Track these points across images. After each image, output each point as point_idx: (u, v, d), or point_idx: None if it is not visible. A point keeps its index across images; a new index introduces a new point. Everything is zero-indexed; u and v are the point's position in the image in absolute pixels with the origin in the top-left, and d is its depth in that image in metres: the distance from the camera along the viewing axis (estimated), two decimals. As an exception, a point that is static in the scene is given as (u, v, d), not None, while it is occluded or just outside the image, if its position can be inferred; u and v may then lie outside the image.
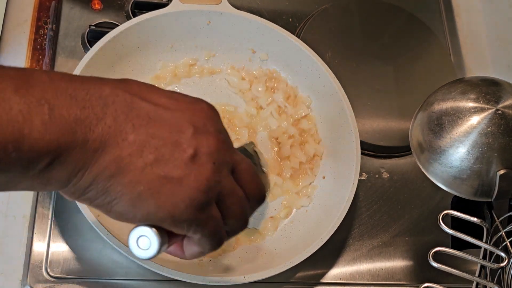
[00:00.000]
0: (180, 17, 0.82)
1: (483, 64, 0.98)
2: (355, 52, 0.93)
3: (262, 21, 0.84)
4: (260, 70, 0.86)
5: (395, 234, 0.82)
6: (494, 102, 0.68)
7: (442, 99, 0.71)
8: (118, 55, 0.79)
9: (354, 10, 0.97)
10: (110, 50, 0.78)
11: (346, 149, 0.80)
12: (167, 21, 0.82)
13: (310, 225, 0.78)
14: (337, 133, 0.82)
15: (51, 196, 0.75)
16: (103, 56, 0.77)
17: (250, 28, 0.84)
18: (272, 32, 0.84)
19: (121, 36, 0.78)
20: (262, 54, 0.86)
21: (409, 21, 0.98)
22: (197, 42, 0.85)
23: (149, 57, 0.83)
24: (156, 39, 0.82)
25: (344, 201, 0.75)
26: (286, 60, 0.85)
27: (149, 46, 0.82)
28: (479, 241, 0.68)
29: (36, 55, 0.83)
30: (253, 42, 0.85)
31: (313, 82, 0.84)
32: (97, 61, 0.76)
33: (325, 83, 0.83)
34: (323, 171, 0.82)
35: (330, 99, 0.83)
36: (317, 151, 0.82)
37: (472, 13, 1.02)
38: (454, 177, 0.70)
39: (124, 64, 0.80)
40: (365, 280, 0.79)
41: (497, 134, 0.67)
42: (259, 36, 0.84)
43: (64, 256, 0.72)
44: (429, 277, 0.79)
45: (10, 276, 0.71)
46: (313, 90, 0.85)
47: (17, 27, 0.85)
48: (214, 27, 0.84)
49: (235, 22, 0.84)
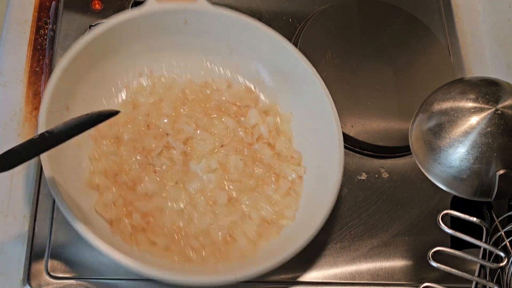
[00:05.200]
0: (156, 17, 0.80)
1: (483, 64, 0.99)
2: (355, 52, 0.93)
3: (241, 17, 0.82)
4: (235, 88, 0.85)
5: (395, 234, 0.82)
6: (494, 102, 0.68)
7: (442, 99, 0.72)
8: (94, 59, 0.78)
9: (354, 10, 0.97)
10: (86, 54, 0.76)
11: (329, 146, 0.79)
12: (143, 22, 0.80)
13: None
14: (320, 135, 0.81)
15: (51, 196, 0.75)
16: (80, 60, 0.75)
17: (229, 25, 0.82)
18: (252, 28, 0.82)
19: (97, 40, 0.77)
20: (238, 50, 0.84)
21: (409, 21, 0.98)
22: (174, 40, 0.83)
23: (127, 59, 0.81)
24: (133, 40, 0.81)
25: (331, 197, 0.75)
26: (267, 58, 0.84)
27: (125, 48, 0.81)
28: (479, 241, 0.68)
29: (36, 55, 0.83)
30: (233, 40, 0.84)
31: (294, 79, 0.83)
32: (73, 66, 0.74)
33: (306, 77, 0.81)
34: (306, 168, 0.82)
35: (311, 94, 0.82)
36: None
37: (471, 13, 1.03)
38: (454, 177, 0.70)
39: (100, 68, 0.79)
40: (365, 280, 0.79)
41: (497, 134, 0.68)
42: (239, 33, 0.83)
43: (64, 256, 0.72)
44: (428, 277, 0.79)
45: (10, 276, 0.71)
46: (293, 90, 0.83)
47: (17, 27, 0.85)
48: (192, 26, 0.82)
49: (213, 18, 0.82)
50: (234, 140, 0.81)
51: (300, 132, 0.84)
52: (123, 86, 0.82)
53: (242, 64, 0.85)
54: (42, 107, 0.71)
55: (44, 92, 0.72)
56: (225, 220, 0.76)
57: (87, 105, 0.76)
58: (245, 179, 0.79)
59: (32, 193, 0.75)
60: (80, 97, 0.77)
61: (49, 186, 0.67)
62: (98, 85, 0.79)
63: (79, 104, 0.76)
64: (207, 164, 0.79)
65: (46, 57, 0.84)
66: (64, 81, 0.74)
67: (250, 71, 0.86)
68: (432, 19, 1.00)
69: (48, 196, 0.75)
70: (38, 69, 0.83)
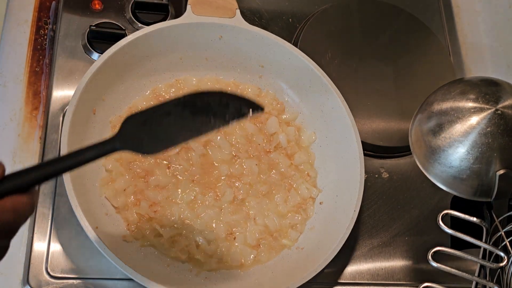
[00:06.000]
0: (192, 28, 0.81)
1: (483, 64, 0.98)
2: (355, 52, 0.93)
3: (274, 38, 0.83)
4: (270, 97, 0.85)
5: (395, 234, 0.82)
6: (494, 102, 0.68)
7: (442, 99, 0.72)
8: (127, 64, 0.79)
9: (354, 10, 0.97)
10: (120, 58, 0.77)
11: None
12: (179, 32, 0.81)
13: (310, 249, 0.77)
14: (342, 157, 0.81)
15: (51, 196, 0.75)
16: (112, 64, 0.77)
17: (261, 44, 0.83)
18: (283, 49, 0.83)
19: (131, 44, 0.78)
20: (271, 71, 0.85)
21: (409, 21, 0.98)
22: (208, 55, 0.84)
23: (158, 67, 0.82)
24: (166, 50, 0.82)
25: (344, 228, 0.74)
26: (296, 79, 0.85)
27: (158, 56, 0.82)
28: (479, 241, 0.68)
29: (36, 55, 0.83)
30: (263, 58, 0.84)
31: (321, 103, 0.83)
32: (106, 69, 0.76)
33: (333, 105, 0.82)
34: (322, 197, 0.81)
35: (337, 122, 0.82)
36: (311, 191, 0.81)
37: (471, 14, 1.03)
38: (454, 177, 0.70)
39: (132, 73, 0.80)
40: (365, 280, 0.79)
41: (497, 134, 0.68)
42: (270, 53, 0.83)
43: (64, 256, 0.72)
44: (428, 277, 0.79)
45: (10, 276, 0.71)
46: (319, 112, 0.84)
47: (17, 27, 0.85)
48: (226, 41, 0.83)
49: (247, 37, 0.83)
50: (252, 146, 0.81)
51: (321, 155, 0.83)
52: (151, 92, 0.82)
53: (272, 82, 0.86)
54: (69, 107, 0.72)
55: (74, 92, 0.73)
56: (229, 217, 0.77)
57: (113, 109, 0.79)
58: (258, 184, 0.79)
59: (32, 193, 0.75)
60: (108, 101, 0.78)
61: None
62: (129, 89, 0.80)
63: (106, 108, 0.78)
64: (224, 168, 0.79)
65: (46, 57, 0.84)
66: (96, 82, 0.75)
67: (278, 89, 0.86)
68: (432, 19, 1.00)
69: (48, 196, 0.75)
70: (38, 69, 0.83)
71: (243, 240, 0.76)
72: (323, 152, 0.83)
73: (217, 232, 0.76)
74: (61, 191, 0.75)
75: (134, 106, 0.80)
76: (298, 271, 0.72)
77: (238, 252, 0.75)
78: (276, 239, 0.77)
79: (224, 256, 0.75)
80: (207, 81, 0.84)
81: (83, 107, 0.74)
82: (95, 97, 0.76)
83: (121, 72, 0.79)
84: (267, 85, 0.86)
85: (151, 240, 0.73)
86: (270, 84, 0.86)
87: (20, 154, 0.77)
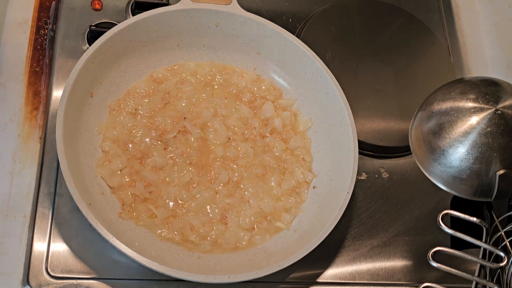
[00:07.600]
0: (188, 15, 0.82)
1: (483, 64, 0.99)
2: (355, 52, 0.93)
3: (270, 24, 0.84)
4: (263, 84, 0.86)
5: (395, 234, 0.82)
6: (494, 102, 0.68)
7: (442, 99, 0.72)
8: (124, 48, 0.80)
9: (354, 10, 0.97)
10: (117, 42, 0.79)
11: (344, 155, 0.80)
12: (176, 18, 0.82)
13: (304, 228, 0.78)
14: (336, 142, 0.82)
15: (51, 196, 0.75)
16: (110, 47, 0.78)
17: (258, 30, 0.84)
18: (279, 36, 0.84)
19: (129, 29, 0.79)
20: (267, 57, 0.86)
21: (409, 21, 0.98)
22: (205, 42, 0.85)
23: (155, 52, 0.83)
24: (163, 35, 0.83)
25: (337, 209, 0.75)
26: (291, 65, 0.85)
27: (156, 42, 0.83)
28: (479, 241, 0.68)
29: (36, 55, 0.83)
30: (260, 45, 0.85)
31: (317, 88, 0.84)
32: (104, 51, 0.77)
33: (328, 90, 0.83)
34: (315, 182, 0.82)
35: (331, 106, 0.82)
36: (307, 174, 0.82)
37: (471, 14, 1.03)
38: (454, 177, 0.70)
39: (129, 57, 0.81)
40: (365, 280, 0.79)
41: (497, 134, 0.68)
42: (266, 39, 0.85)
43: (64, 256, 0.73)
44: (428, 277, 0.79)
45: (10, 276, 0.71)
46: (315, 98, 0.85)
47: (17, 27, 0.85)
48: (223, 28, 0.84)
49: (244, 24, 0.84)
50: (248, 129, 0.83)
51: (316, 141, 0.84)
52: (149, 76, 0.83)
53: (268, 68, 0.87)
54: (66, 86, 0.73)
55: (71, 72, 0.74)
56: (224, 200, 0.77)
57: (110, 92, 0.80)
58: (252, 167, 0.80)
59: (32, 193, 0.75)
60: (105, 85, 0.79)
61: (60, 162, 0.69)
62: (126, 73, 0.81)
63: (103, 92, 0.79)
64: (219, 150, 0.80)
65: (46, 57, 0.84)
66: (93, 64, 0.76)
67: (275, 75, 0.87)
68: (432, 19, 1.00)
69: (48, 196, 0.75)
70: (38, 69, 0.83)
71: (238, 222, 0.77)
72: (319, 138, 0.84)
73: (212, 214, 0.76)
74: (61, 191, 0.75)
75: (132, 90, 0.81)
76: (290, 252, 0.73)
77: (232, 234, 0.76)
78: (270, 222, 0.78)
79: (219, 239, 0.75)
80: (205, 66, 0.85)
81: (80, 87, 0.75)
82: (92, 79, 0.77)
83: (119, 56, 0.80)
84: (264, 71, 0.87)
85: (145, 221, 0.74)
86: (267, 70, 0.87)
87: (20, 154, 0.77)
